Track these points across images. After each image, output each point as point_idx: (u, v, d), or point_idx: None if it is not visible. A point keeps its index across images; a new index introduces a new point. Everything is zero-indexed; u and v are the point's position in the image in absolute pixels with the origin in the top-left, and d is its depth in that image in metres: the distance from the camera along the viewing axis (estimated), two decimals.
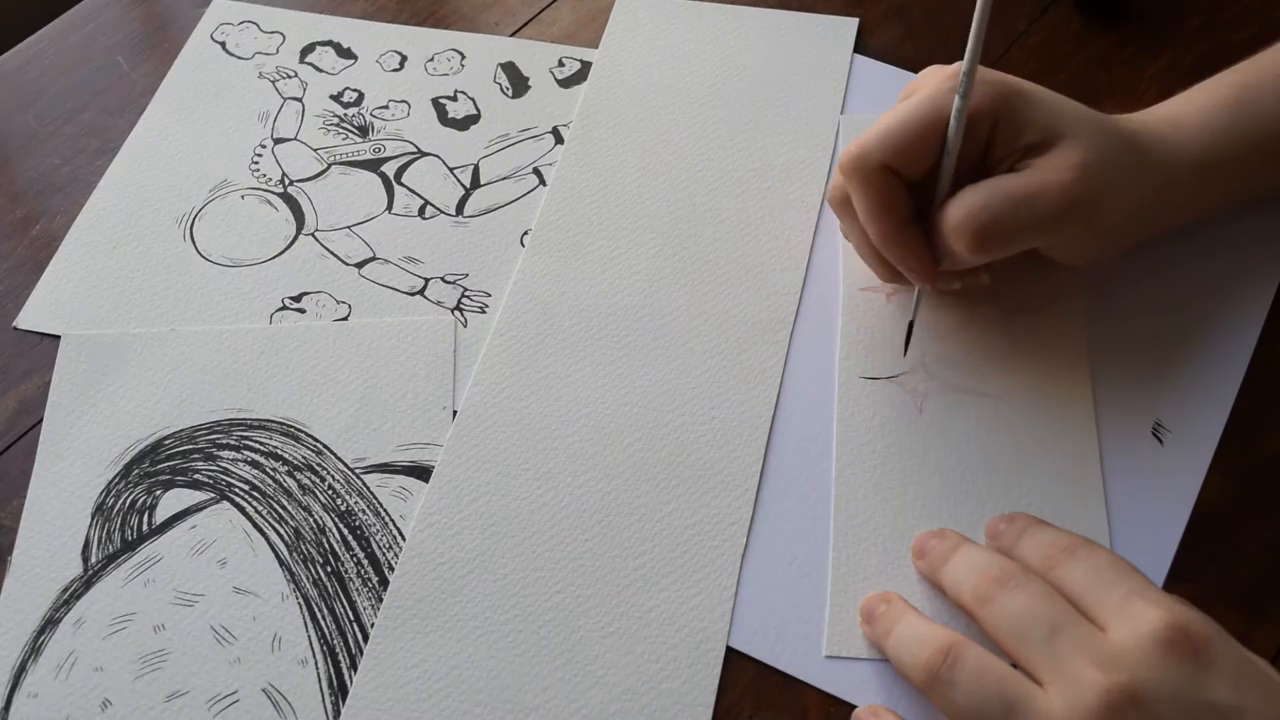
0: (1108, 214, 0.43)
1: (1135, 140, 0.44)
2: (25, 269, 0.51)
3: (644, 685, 0.40)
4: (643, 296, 0.50)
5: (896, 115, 0.43)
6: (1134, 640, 0.34)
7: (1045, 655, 0.35)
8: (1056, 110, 0.43)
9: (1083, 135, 0.42)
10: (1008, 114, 0.42)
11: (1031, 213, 0.42)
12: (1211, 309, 0.48)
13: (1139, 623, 0.34)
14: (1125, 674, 0.33)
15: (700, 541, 0.43)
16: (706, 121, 0.55)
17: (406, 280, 0.51)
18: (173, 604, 0.42)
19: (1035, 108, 0.43)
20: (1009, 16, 0.59)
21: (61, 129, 0.56)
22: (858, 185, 0.43)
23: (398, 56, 0.59)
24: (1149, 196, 0.45)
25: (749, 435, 0.46)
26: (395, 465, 0.45)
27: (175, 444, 0.46)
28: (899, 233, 0.44)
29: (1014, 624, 0.36)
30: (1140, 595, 0.36)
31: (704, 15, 0.59)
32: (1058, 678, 0.34)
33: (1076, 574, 0.37)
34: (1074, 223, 0.42)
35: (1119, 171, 0.43)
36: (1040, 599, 0.37)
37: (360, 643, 0.41)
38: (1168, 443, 0.45)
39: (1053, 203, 0.41)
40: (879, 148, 0.42)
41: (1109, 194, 0.42)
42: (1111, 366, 0.47)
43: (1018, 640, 0.36)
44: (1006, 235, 0.42)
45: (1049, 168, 0.42)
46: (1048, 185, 0.41)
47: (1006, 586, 0.37)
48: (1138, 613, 0.35)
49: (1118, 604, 0.36)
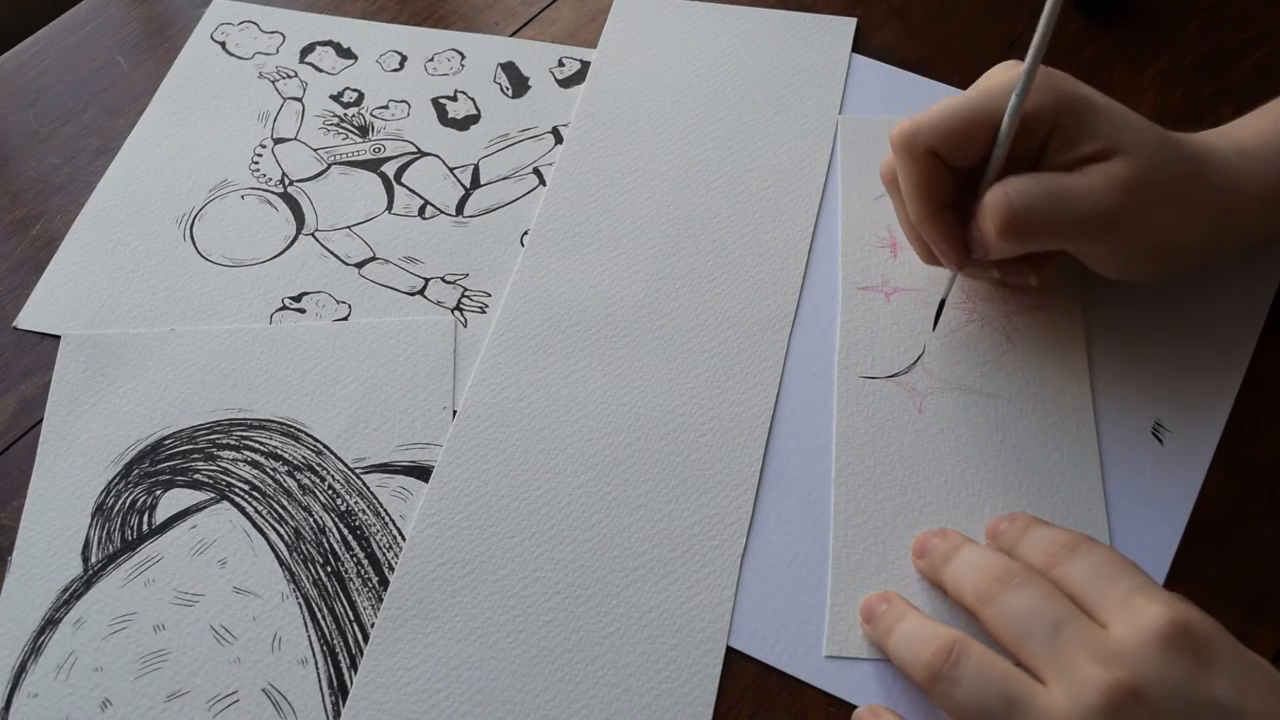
0: (1154, 233, 0.43)
1: (1196, 162, 0.43)
2: (25, 269, 0.51)
3: (644, 686, 0.40)
4: (642, 296, 0.50)
5: (952, 103, 0.43)
6: (1136, 637, 0.34)
7: (1048, 652, 0.35)
8: (1119, 123, 0.42)
9: (1141, 151, 0.42)
10: (1068, 121, 0.42)
11: (1067, 212, 0.41)
12: (1211, 309, 0.48)
13: (1141, 619, 0.34)
14: (1127, 670, 0.33)
15: (700, 542, 0.43)
16: (705, 121, 0.55)
17: (406, 280, 0.51)
18: (173, 604, 0.42)
19: (1097, 118, 0.42)
20: (1009, 16, 0.59)
21: (61, 129, 0.56)
22: (904, 161, 0.44)
23: (398, 56, 0.59)
24: (1205, 222, 0.44)
25: (748, 435, 0.46)
26: (395, 465, 0.45)
27: (175, 444, 0.46)
28: (935, 215, 0.44)
29: (1016, 622, 0.36)
30: (1142, 592, 0.36)
31: (702, 15, 0.59)
32: (1060, 675, 0.34)
33: (1078, 571, 0.37)
34: (1112, 234, 0.42)
35: (1172, 192, 0.42)
36: (1042, 597, 0.37)
37: (360, 643, 0.41)
38: (1168, 443, 0.45)
39: (1091, 208, 0.41)
40: (928, 131, 0.43)
41: (1157, 213, 0.42)
42: (1111, 366, 0.47)
43: (1020, 638, 0.36)
44: (1037, 227, 0.42)
45: (1098, 174, 0.41)
46: (1090, 190, 0.41)
47: (1008, 585, 0.37)
48: (1140, 609, 0.35)
49: (1119, 601, 0.36)
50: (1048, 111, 0.42)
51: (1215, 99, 0.55)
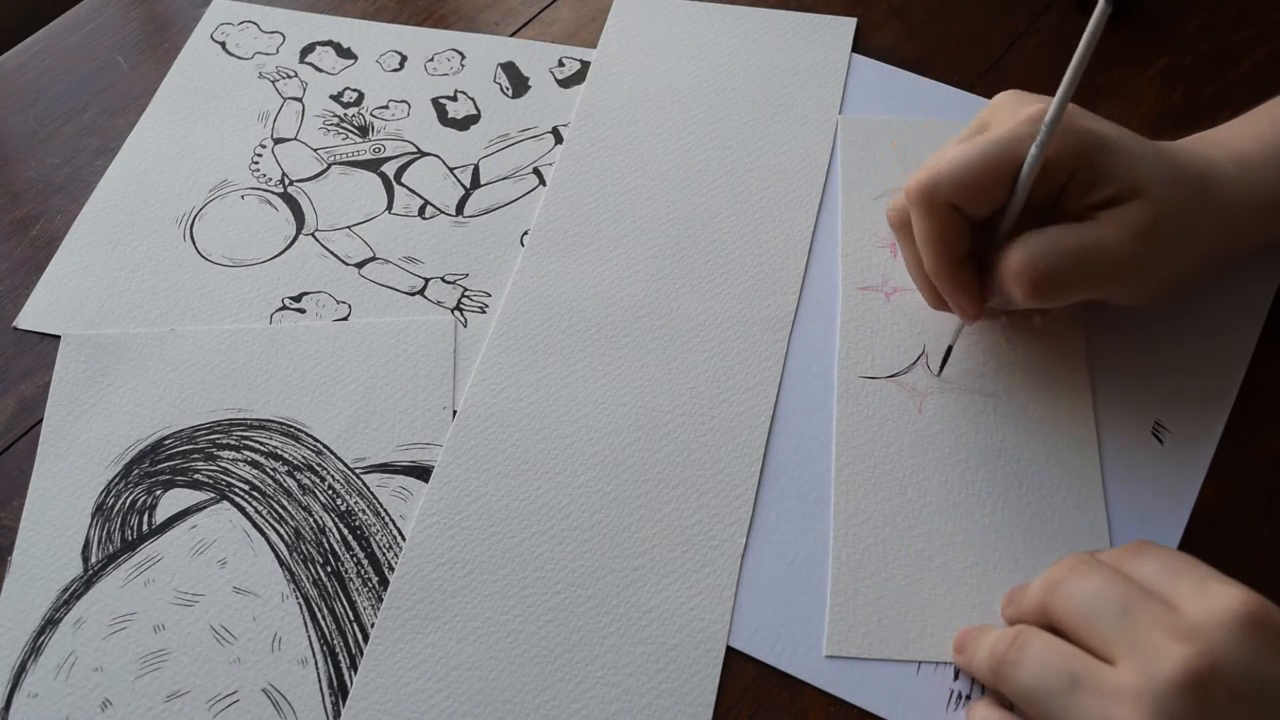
0: (1166, 267, 0.43)
1: (1202, 186, 0.43)
2: (25, 269, 0.51)
3: (644, 686, 0.40)
4: (642, 296, 0.50)
5: (971, 153, 0.42)
6: (1214, 616, 0.33)
7: (1118, 631, 0.34)
8: (1135, 163, 0.42)
9: (1156, 192, 0.41)
10: (1087, 166, 0.42)
11: (1092, 269, 0.41)
12: (1211, 309, 0.48)
13: (1219, 600, 0.34)
14: (1205, 645, 0.32)
15: (700, 541, 0.43)
16: (705, 121, 0.55)
17: (406, 280, 0.51)
18: (173, 604, 0.42)
19: (1114, 160, 0.42)
20: (1009, 16, 0.59)
21: (61, 129, 0.56)
22: (923, 215, 0.43)
23: (398, 56, 0.59)
24: (1210, 244, 0.44)
25: (748, 435, 0.46)
26: (395, 465, 0.45)
27: (175, 444, 0.46)
28: (952, 268, 0.43)
29: (1084, 604, 0.35)
30: (1216, 579, 0.35)
31: (702, 15, 0.59)
32: (1133, 652, 0.33)
33: (1148, 564, 0.36)
34: (1132, 278, 0.43)
35: (1183, 227, 0.42)
36: (1112, 580, 0.36)
37: (360, 643, 0.41)
38: (1168, 443, 0.45)
39: (1113, 261, 0.41)
40: (950, 184, 0.42)
41: (1169, 252, 0.42)
42: (1111, 366, 0.47)
43: (1089, 619, 0.35)
44: (1065, 287, 0.42)
45: (1115, 223, 0.41)
46: (1109, 242, 0.41)
47: (1076, 572, 0.36)
48: (1215, 592, 0.34)
49: (1192, 586, 0.35)
50: (1068, 157, 0.42)
51: (1215, 99, 0.55)
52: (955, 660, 0.41)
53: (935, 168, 0.42)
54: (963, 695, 0.40)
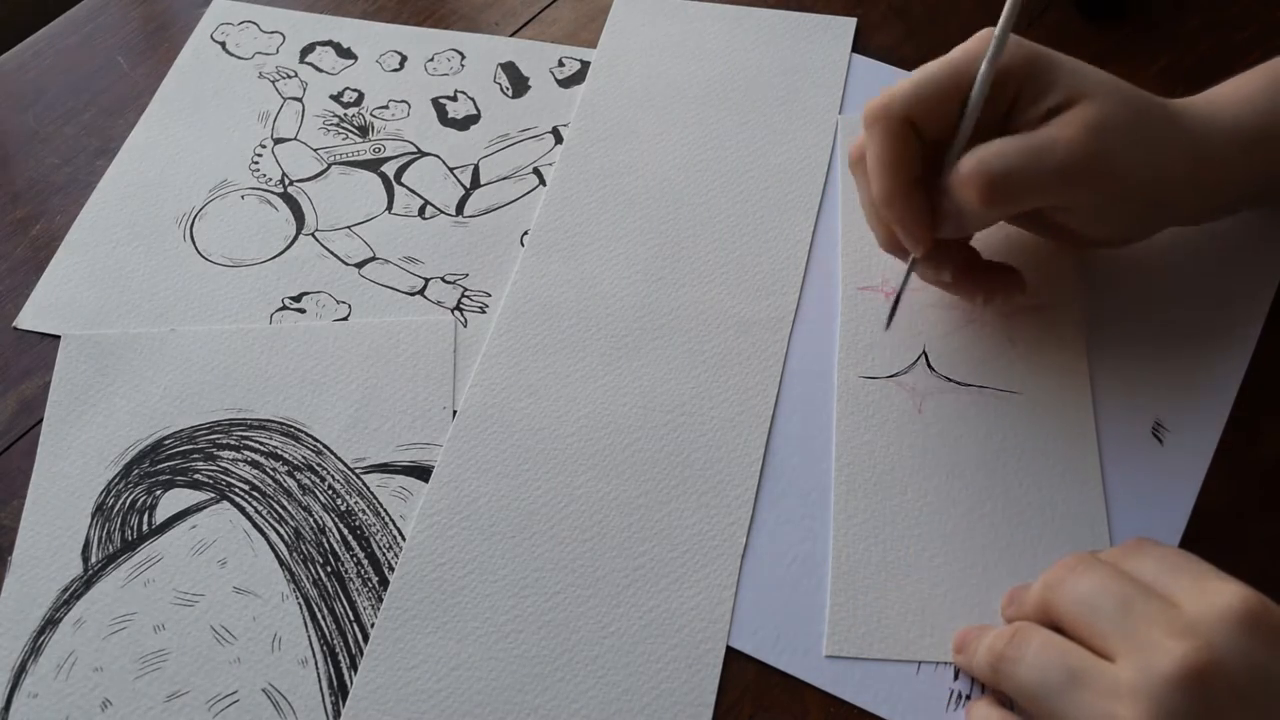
0: (1128, 176, 0.43)
1: (1163, 108, 0.44)
2: (25, 269, 0.51)
3: (644, 685, 0.40)
4: (641, 296, 0.50)
5: (928, 69, 0.43)
6: (1213, 612, 0.33)
7: (1117, 628, 0.34)
8: (1080, 74, 0.43)
9: (1102, 96, 0.42)
10: (1033, 76, 0.43)
11: (1043, 164, 0.41)
12: (1211, 309, 0.48)
13: (1218, 597, 0.34)
14: (1204, 641, 0.32)
15: (700, 541, 0.43)
16: (704, 121, 0.55)
17: (406, 280, 0.51)
18: (173, 604, 0.42)
19: (1060, 71, 0.43)
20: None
21: (61, 129, 0.56)
22: (878, 134, 0.43)
23: (398, 56, 0.59)
24: (1181, 167, 0.44)
25: (748, 435, 0.46)
26: (395, 465, 0.45)
27: (175, 444, 0.46)
28: (903, 191, 0.43)
29: (1084, 601, 0.35)
30: (1215, 576, 0.35)
31: (701, 15, 0.59)
32: (1132, 650, 0.33)
33: (1147, 562, 0.36)
34: (1089, 179, 0.42)
35: (1141, 133, 0.43)
36: (1111, 577, 0.36)
37: (360, 643, 0.41)
38: (1168, 443, 0.45)
39: (1066, 154, 0.41)
40: (905, 98, 0.43)
41: (1128, 154, 0.42)
42: (1111, 366, 0.47)
43: (1089, 616, 0.35)
44: (1018, 186, 0.42)
45: (1064, 123, 0.42)
46: (1061, 138, 0.41)
47: (1075, 570, 0.36)
48: (1214, 589, 0.34)
49: (1191, 584, 0.35)
50: (1015, 70, 0.42)
51: None
52: (955, 660, 0.41)
53: (892, 88, 0.43)
54: (963, 695, 0.40)
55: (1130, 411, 0.46)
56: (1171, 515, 0.43)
